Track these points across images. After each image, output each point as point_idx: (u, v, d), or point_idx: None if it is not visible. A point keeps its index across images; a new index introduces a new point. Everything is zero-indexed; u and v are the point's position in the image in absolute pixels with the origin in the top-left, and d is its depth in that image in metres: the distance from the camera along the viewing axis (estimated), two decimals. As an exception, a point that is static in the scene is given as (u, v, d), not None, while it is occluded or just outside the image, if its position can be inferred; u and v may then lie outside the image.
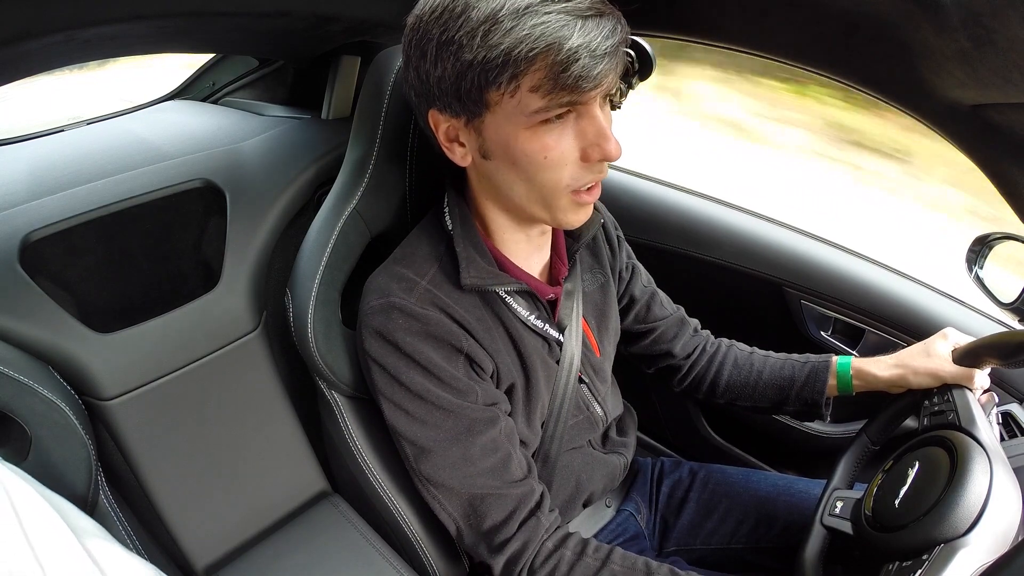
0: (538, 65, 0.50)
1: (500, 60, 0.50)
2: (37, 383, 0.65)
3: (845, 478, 0.74)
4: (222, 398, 0.83)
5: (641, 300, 0.86)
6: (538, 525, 0.65)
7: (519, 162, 0.56)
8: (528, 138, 0.54)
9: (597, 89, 0.52)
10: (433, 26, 0.52)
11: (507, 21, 0.49)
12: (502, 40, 0.49)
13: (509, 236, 0.67)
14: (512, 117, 0.53)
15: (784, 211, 1.11)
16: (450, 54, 0.51)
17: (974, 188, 2.37)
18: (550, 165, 0.56)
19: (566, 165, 0.56)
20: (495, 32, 0.49)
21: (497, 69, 0.50)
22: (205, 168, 0.87)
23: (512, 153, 0.56)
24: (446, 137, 0.59)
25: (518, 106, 0.52)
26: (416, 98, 0.59)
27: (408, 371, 0.62)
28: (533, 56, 0.49)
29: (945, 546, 0.53)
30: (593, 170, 0.57)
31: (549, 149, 0.55)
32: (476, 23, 0.49)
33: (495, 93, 0.52)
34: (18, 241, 0.72)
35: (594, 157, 0.56)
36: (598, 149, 0.55)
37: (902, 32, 0.49)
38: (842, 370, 0.80)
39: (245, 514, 0.86)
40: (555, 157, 0.55)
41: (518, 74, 0.50)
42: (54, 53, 0.66)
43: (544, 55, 0.49)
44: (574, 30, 0.48)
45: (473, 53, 0.50)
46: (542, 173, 0.56)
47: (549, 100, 0.51)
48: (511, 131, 0.54)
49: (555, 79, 0.50)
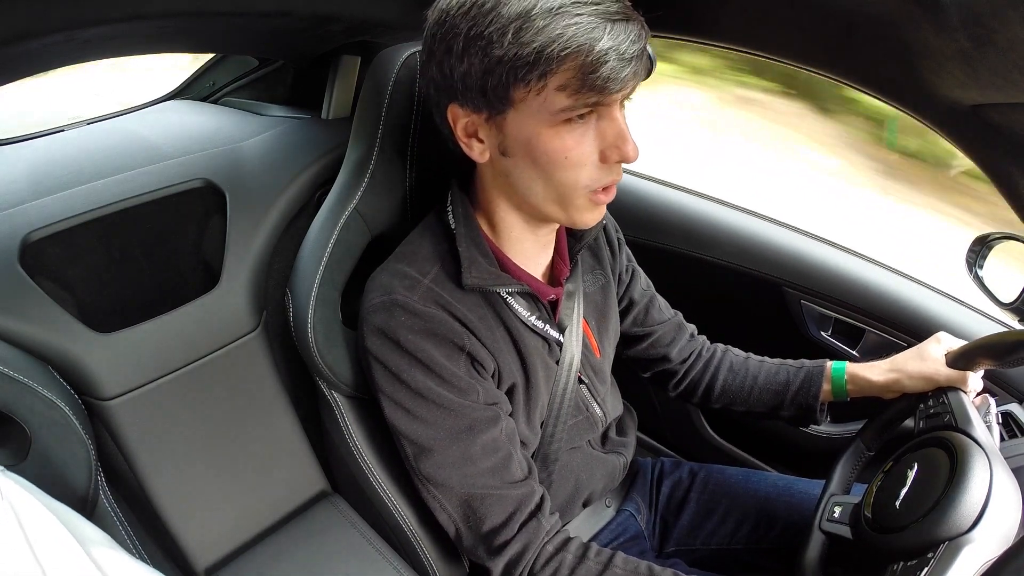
0: (568, 65, 0.50)
1: (532, 58, 0.50)
2: (37, 383, 0.65)
3: (842, 483, 0.74)
4: (222, 398, 0.83)
5: (640, 304, 0.86)
6: (539, 528, 0.65)
7: (539, 160, 0.57)
8: (550, 137, 0.55)
9: (622, 92, 0.53)
10: (461, 21, 0.52)
11: (540, 20, 0.49)
12: (534, 38, 0.50)
13: (517, 235, 0.67)
14: (536, 115, 0.54)
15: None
16: (478, 49, 0.52)
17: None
18: (570, 165, 0.56)
19: (585, 165, 0.57)
20: (527, 30, 0.50)
21: (528, 67, 0.51)
22: (205, 168, 0.87)
23: (533, 151, 0.56)
24: (465, 132, 0.60)
25: (543, 104, 0.53)
26: (436, 93, 0.59)
27: (409, 369, 0.62)
28: (564, 56, 0.50)
29: (950, 543, 0.53)
30: (611, 171, 0.58)
31: (570, 149, 0.55)
32: (507, 20, 0.50)
33: (522, 90, 0.53)
34: (18, 241, 0.72)
35: (613, 158, 0.57)
36: (617, 151, 0.56)
37: (902, 32, 0.49)
38: (836, 375, 0.80)
39: (245, 514, 0.85)
40: (575, 157, 0.56)
41: (547, 72, 0.51)
42: (54, 53, 0.66)
43: (575, 55, 0.50)
44: (604, 33, 0.49)
45: (504, 49, 0.51)
46: (561, 172, 0.57)
47: (575, 100, 0.52)
48: (534, 129, 0.55)
49: (583, 79, 0.51)
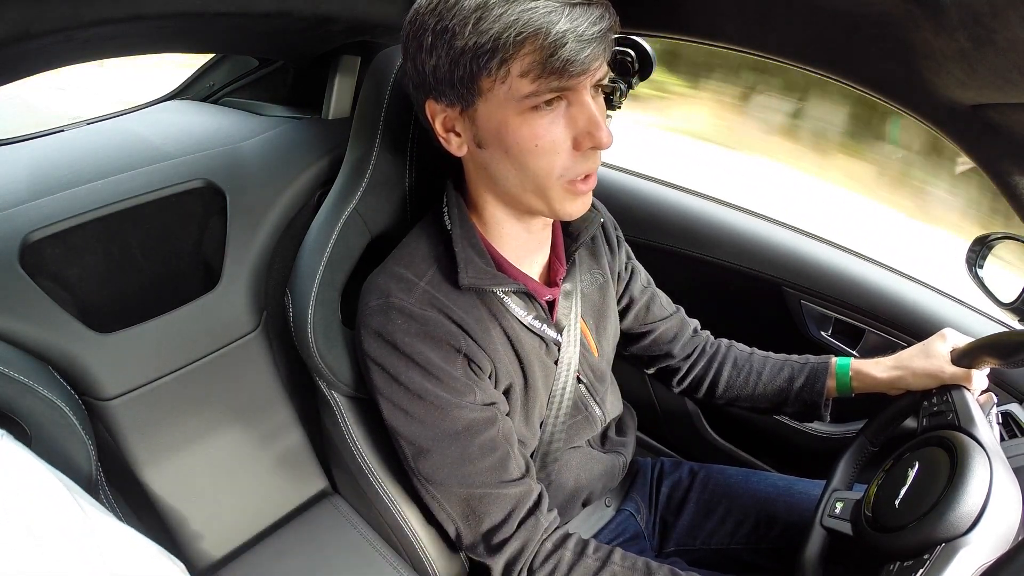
0: (527, 49, 0.51)
1: (489, 45, 0.51)
2: (37, 383, 0.65)
3: (844, 479, 0.74)
4: (222, 398, 0.83)
5: (640, 301, 0.86)
6: (537, 525, 0.65)
7: (511, 150, 0.57)
8: (519, 125, 0.55)
9: (585, 75, 0.53)
10: (429, 17, 0.53)
11: (497, 8, 0.50)
12: (492, 26, 0.50)
13: (508, 230, 0.67)
14: (504, 104, 0.54)
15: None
16: (444, 42, 0.53)
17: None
18: (541, 152, 0.56)
19: (558, 153, 0.57)
20: (485, 19, 0.50)
21: (487, 55, 0.51)
22: (205, 168, 0.87)
23: (504, 140, 0.56)
24: (443, 127, 0.60)
25: (509, 92, 0.53)
26: (414, 90, 0.60)
27: (407, 371, 0.62)
28: (521, 40, 0.50)
29: (946, 545, 0.53)
30: (586, 159, 0.58)
31: (539, 136, 0.55)
32: (468, 11, 0.51)
33: (487, 79, 0.53)
34: (18, 241, 0.72)
35: (585, 145, 0.56)
36: (589, 137, 0.56)
37: (902, 32, 0.49)
38: (841, 371, 0.80)
39: (245, 514, 0.86)
40: (546, 144, 0.56)
41: (507, 59, 0.51)
42: (54, 53, 0.66)
43: (532, 39, 0.50)
44: (561, 16, 0.50)
45: (464, 40, 0.51)
46: (534, 160, 0.57)
47: (538, 85, 0.52)
48: (503, 118, 0.55)
49: (543, 63, 0.51)
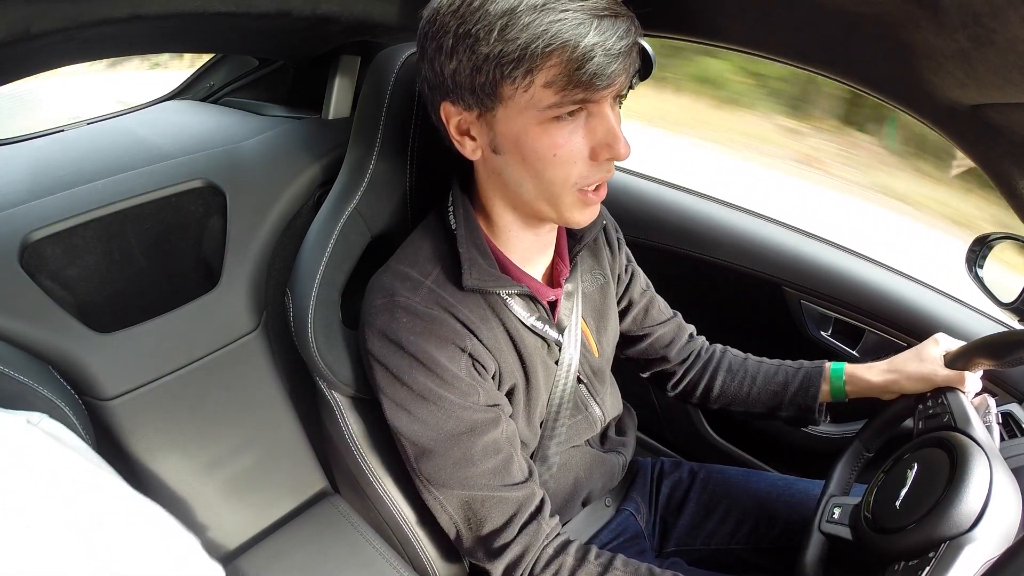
0: (553, 61, 0.50)
1: (517, 54, 0.50)
2: (37, 383, 0.65)
3: (841, 484, 0.74)
4: (222, 398, 0.83)
5: (639, 304, 0.86)
6: (539, 530, 0.65)
7: (528, 157, 0.56)
8: (539, 134, 0.55)
9: (610, 88, 0.53)
10: (450, 19, 0.52)
11: (525, 16, 0.49)
12: (519, 35, 0.49)
13: (515, 234, 0.67)
14: (524, 112, 0.54)
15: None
16: (466, 47, 0.52)
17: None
18: (559, 162, 0.56)
19: (575, 163, 0.56)
20: (513, 27, 0.49)
21: (514, 63, 0.51)
22: (205, 168, 0.87)
23: (522, 148, 0.56)
24: (457, 130, 0.60)
25: (531, 101, 0.53)
26: (429, 91, 0.59)
27: (411, 371, 0.62)
28: (549, 52, 0.50)
29: (951, 543, 0.53)
30: (601, 169, 0.58)
31: (559, 146, 0.55)
32: (494, 17, 0.50)
33: (509, 87, 0.53)
34: (18, 241, 0.72)
35: (603, 156, 0.56)
36: (608, 148, 0.56)
37: (902, 32, 0.49)
38: (835, 376, 0.80)
39: (245, 514, 0.85)
40: (564, 154, 0.56)
41: (533, 69, 0.51)
42: (54, 53, 0.66)
43: (560, 51, 0.50)
44: (590, 28, 0.49)
45: (490, 47, 0.51)
46: (551, 170, 0.57)
47: (562, 96, 0.52)
48: (522, 126, 0.55)
49: (569, 76, 0.50)
